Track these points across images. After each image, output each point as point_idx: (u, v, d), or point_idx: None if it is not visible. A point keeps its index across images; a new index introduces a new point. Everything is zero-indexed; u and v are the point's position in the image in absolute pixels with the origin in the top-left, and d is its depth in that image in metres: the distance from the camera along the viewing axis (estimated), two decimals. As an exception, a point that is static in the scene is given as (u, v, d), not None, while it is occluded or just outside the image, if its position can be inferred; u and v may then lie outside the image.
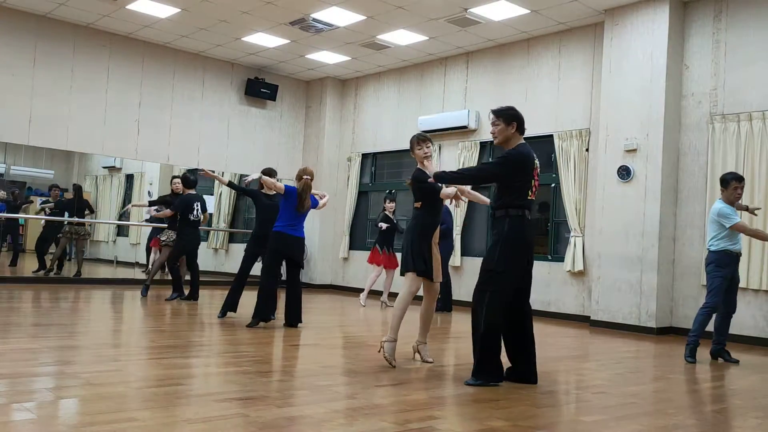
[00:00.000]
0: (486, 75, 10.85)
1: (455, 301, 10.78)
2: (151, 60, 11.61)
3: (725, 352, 6.32)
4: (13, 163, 13.05)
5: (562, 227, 9.82)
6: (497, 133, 4.75)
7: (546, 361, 5.93)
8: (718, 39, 8.27)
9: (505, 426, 3.54)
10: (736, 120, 7.97)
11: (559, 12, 9.14)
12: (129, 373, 4.42)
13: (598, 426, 3.69)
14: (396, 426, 3.42)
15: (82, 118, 10.91)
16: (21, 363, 4.53)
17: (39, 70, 10.52)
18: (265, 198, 7.71)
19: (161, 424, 3.22)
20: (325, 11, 9.54)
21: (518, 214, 4.60)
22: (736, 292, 6.35)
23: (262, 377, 4.50)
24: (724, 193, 6.26)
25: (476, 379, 4.53)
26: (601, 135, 8.99)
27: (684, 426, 3.83)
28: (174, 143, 11.88)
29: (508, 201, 4.62)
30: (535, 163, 4.69)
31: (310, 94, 13.59)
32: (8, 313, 7.20)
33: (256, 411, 3.55)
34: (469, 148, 10.84)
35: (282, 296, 7.20)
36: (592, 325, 8.78)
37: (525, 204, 4.63)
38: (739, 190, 6.23)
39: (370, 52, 11.37)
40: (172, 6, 9.73)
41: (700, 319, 6.19)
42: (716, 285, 6.14)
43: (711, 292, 6.19)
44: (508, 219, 4.60)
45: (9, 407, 3.37)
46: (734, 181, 6.23)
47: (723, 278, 6.13)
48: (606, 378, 5.20)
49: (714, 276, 6.16)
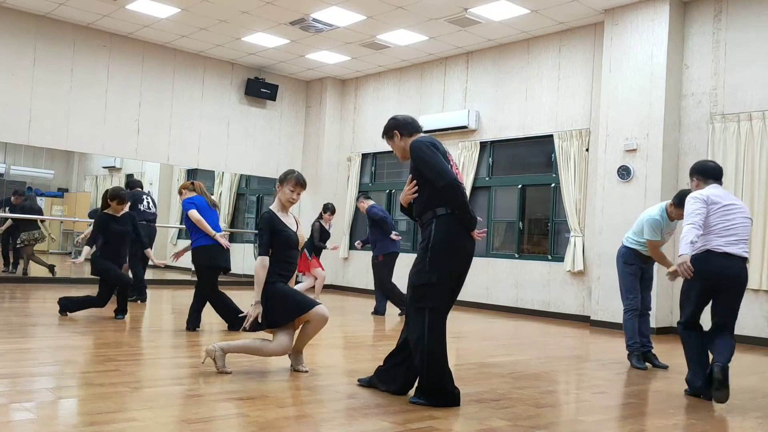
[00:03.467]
0: (486, 75, 10.85)
1: (456, 301, 10.77)
2: (151, 60, 11.61)
3: (652, 356, 5.86)
4: (13, 163, 13.05)
5: (562, 227, 9.82)
6: (395, 151, 4.25)
7: (546, 361, 5.93)
8: (718, 39, 8.27)
9: (505, 426, 3.54)
10: (736, 120, 7.97)
11: (559, 12, 9.14)
12: (129, 373, 4.42)
13: (598, 426, 3.69)
14: (396, 426, 3.42)
15: (82, 118, 10.91)
16: (21, 363, 4.52)
17: (39, 70, 10.51)
18: (114, 223, 7.21)
19: (161, 424, 3.22)
20: (325, 11, 9.54)
21: (446, 212, 3.91)
22: (648, 288, 6.00)
23: (262, 377, 4.50)
24: (676, 211, 5.54)
25: (419, 398, 3.93)
26: (601, 135, 8.99)
27: (684, 426, 3.83)
28: (174, 143, 11.88)
29: (432, 200, 3.95)
30: (444, 149, 4.07)
31: (310, 94, 13.59)
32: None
33: (256, 411, 3.55)
34: (469, 148, 10.84)
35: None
36: (592, 325, 8.78)
37: None
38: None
39: (370, 52, 11.37)
40: (172, 6, 9.73)
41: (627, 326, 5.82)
42: (629, 282, 5.82)
43: (625, 291, 5.85)
44: (435, 220, 3.92)
45: (9, 407, 3.37)
46: None
47: (633, 275, 5.83)
48: (606, 378, 5.20)
49: (624, 273, 5.84)
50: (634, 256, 5.87)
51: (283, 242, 4.65)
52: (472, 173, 10.75)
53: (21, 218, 11.10)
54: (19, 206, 11.35)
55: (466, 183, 10.71)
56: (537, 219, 10.45)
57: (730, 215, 4.57)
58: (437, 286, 3.89)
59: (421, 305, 3.92)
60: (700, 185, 4.79)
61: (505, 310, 10.11)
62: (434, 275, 3.88)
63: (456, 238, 3.92)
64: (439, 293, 3.90)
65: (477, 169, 10.78)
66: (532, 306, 9.88)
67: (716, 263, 4.51)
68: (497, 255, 10.56)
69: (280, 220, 4.71)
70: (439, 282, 3.88)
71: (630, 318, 5.84)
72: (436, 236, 3.90)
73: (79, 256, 7.48)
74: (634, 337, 5.81)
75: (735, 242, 4.54)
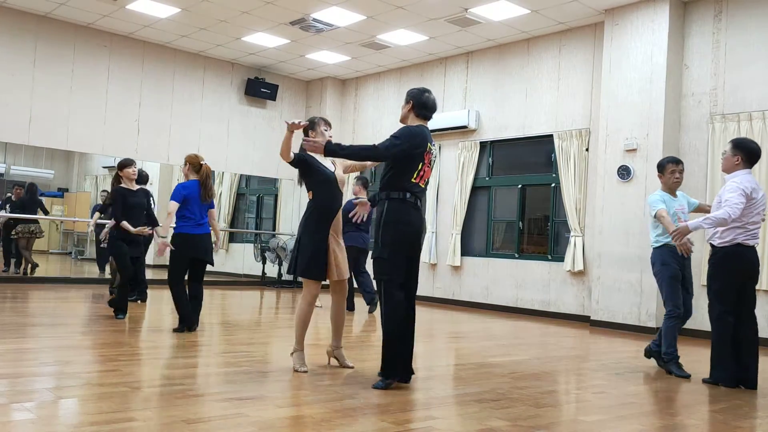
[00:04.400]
0: (486, 75, 10.85)
1: (456, 301, 10.79)
2: (151, 60, 11.61)
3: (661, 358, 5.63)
4: (13, 163, 13.05)
5: (562, 227, 9.82)
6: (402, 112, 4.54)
7: (546, 361, 5.93)
8: (718, 39, 8.27)
9: (505, 426, 3.54)
10: (736, 120, 7.97)
11: (559, 12, 9.14)
12: (129, 373, 4.42)
13: (598, 426, 3.69)
14: (396, 426, 3.42)
15: (82, 118, 10.91)
16: (21, 363, 4.53)
17: (39, 70, 10.51)
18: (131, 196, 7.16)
19: (161, 424, 3.22)
20: (325, 11, 9.54)
21: (399, 197, 4.25)
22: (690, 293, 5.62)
23: (262, 377, 4.50)
24: (662, 179, 5.62)
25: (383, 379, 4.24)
26: (601, 135, 8.99)
27: (684, 426, 3.83)
28: (174, 143, 11.87)
29: (391, 182, 4.30)
30: (429, 147, 4.34)
31: (310, 94, 13.59)
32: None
33: (256, 411, 3.55)
34: (469, 147, 10.84)
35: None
36: (592, 325, 8.79)
37: (408, 187, 4.27)
38: (677, 174, 5.56)
39: (370, 52, 11.37)
40: (172, 6, 9.73)
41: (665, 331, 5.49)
42: (670, 285, 5.45)
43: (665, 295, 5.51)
44: (387, 201, 4.28)
45: (9, 407, 3.37)
46: (671, 164, 5.60)
47: (673, 277, 5.45)
48: (606, 378, 5.20)
49: (663, 276, 5.47)
50: (670, 254, 5.46)
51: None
52: (472, 173, 10.75)
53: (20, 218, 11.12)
54: (19, 200, 11.42)
55: (466, 183, 10.72)
56: (537, 219, 10.45)
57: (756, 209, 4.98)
58: (388, 261, 4.25)
59: (378, 277, 4.34)
60: (742, 165, 5.04)
61: (505, 310, 10.11)
62: (385, 251, 4.25)
63: (402, 221, 4.26)
64: (390, 267, 4.25)
65: (477, 169, 10.78)
66: (532, 306, 9.88)
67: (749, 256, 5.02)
68: (497, 255, 10.56)
69: (316, 160, 4.77)
70: (389, 258, 4.24)
71: (673, 325, 5.45)
72: (387, 216, 4.25)
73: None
74: (673, 345, 5.45)
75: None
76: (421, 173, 4.32)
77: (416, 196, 4.33)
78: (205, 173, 6.46)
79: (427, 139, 4.35)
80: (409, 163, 4.29)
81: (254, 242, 14.27)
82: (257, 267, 13.56)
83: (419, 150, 4.30)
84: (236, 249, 15.04)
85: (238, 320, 7.90)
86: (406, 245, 4.28)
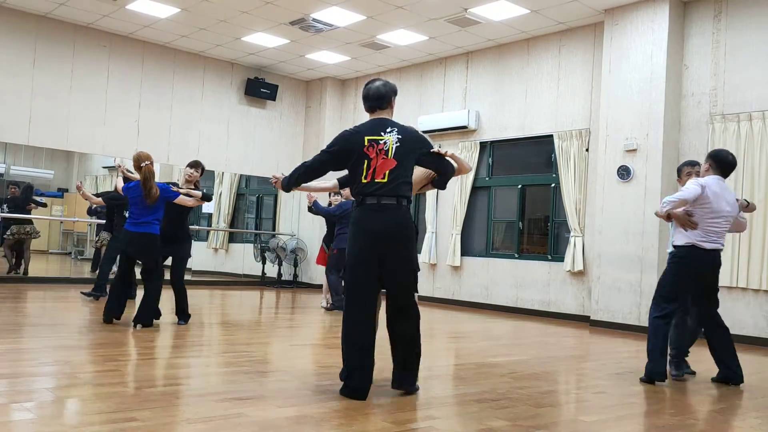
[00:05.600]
0: (486, 75, 10.85)
1: (456, 301, 10.79)
2: (151, 60, 11.61)
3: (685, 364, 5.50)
4: (13, 163, 13.04)
5: (562, 227, 9.82)
6: None
7: (546, 361, 5.93)
8: (718, 39, 8.27)
9: (505, 426, 3.54)
10: (736, 120, 7.97)
11: (559, 12, 9.14)
12: (129, 373, 4.42)
13: (598, 426, 3.69)
14: (396, 426, 3.42)
15: (82, 118, 10.91)
16: (21, 363, 4.52)
17: (39, 70, 10.51)
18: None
19: (161, 424, 3.22)
20: (325, 11, 9.54)
21: (358, 202, 4.10)
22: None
23: (262, 377, 4.50)
24: (680, 183, 5.57)
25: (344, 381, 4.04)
26: (601, 135, 8.99)
27: (684, 426, 3.83)
28: (174, 143, 11.88)
29: (352, 189, 4.18)
30: (374, 139, 4.04)
31: (309, 94, 13.59)
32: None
33: (256, 411, 3.55)
34: (469, 148, 10.84)
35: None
36: (592, 325, 8.78)
37: (361, 190, 4.03)
38: (693, 176, 5.42)
39: (370, 52, 11.37)
40: (172, 6, 9.73)
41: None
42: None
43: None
44: (354, 209, 4.16)
45: (9, 407, 3.37)
46: (686, 167, 5.58)
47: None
48: (606, 378, 5.20)
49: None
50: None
51: None
52: (472, 173, 10.75)
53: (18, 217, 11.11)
54: (13, 199, 11.40)
55: (466, 183, 10.72)
56: (537, 219, 10.45)
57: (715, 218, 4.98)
58: (350, 266, 4.12)
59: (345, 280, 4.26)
60: (711, 171, 5.08)
61: (505, 310, 10.11)
62: (349, 258, 4.14)
63: (359, 230, 4.07)
64: (351, 273, 4.11)
65: (477, 169, 10.78)
66: (532, 306, 9.88)
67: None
68: (497, 255, 10.56)
69: None
70: (350, 264, 4.11)
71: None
72: (351, 222, 4.15)
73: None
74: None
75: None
76: (371, 169, 4.00)
77: (374, 195, 4.00)
78: (144, 174, 6.21)
79: (364, 133, 4.08)
80: (355, 166, 4.08)
81: (254, 242, 14.27)
82: (257, 267, 13.55)
83: (356, 147, 4.04)
84: (236, 249, 15.03)
85: (238, 320, 7.90)
86: (366, 253, 4.01)
